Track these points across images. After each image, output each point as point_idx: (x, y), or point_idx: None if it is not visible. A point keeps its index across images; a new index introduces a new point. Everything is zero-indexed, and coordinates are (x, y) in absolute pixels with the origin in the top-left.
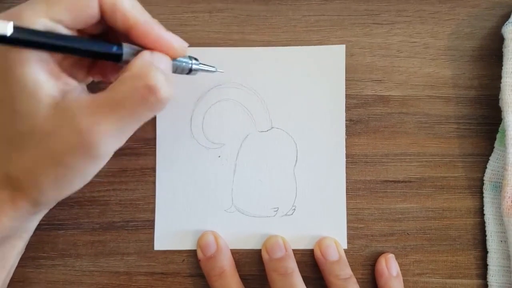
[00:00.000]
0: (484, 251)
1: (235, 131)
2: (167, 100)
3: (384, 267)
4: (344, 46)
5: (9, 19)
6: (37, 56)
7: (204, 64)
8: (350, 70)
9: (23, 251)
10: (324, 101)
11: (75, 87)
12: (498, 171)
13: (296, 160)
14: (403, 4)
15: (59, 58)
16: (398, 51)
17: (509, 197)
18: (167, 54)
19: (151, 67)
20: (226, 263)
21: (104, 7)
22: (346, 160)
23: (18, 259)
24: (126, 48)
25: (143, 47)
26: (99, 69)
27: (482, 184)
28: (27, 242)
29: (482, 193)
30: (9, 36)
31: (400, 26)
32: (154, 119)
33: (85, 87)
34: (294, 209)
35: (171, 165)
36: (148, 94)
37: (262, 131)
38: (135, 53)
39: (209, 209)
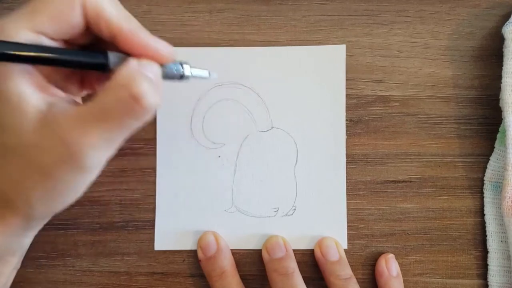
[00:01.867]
0: (485, 251)
1: (235, 131)
2: (153, 108)
3: (384, 267)
4: (344, 46)
5: None
6: (21, 69)
7: (196, 69)
8: (350, 70)
9: (18, 266)
10: (325, 101)
11: (62, 99)
12: (499, 171)
13: (296, 160)
14: (403, 4)
15: (48, 71)
16: (399, 51)
17: (509, 197)
18: (155, 60)
19: (136, 75)
20: (227, 263)
21: (88, 16)
22: (347, 160)
23: (14, 274)
24: (113, 57)
25: (131, 55)
26: (90, 81)
27: (483, 184)
28: (22, 257)
29: (482, 193)
30: None
31: (401, 26)
32: (154, 119)
33: (73, 98)
34: (295, 209)
35: (171, 165)
36: (133, 103)
37: (262, 131)
38: (122, 62)
39: (210, 209)
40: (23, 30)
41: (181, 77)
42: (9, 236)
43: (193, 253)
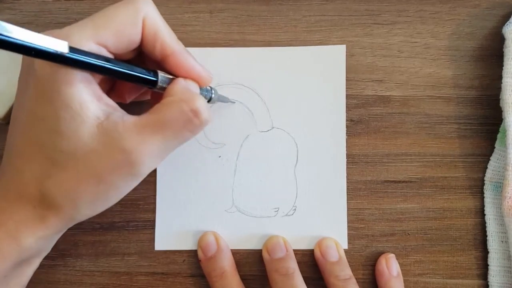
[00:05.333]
0: (485, 252)
1: (235, 131)
2: (207, 123)
3: (385, 267)
4: (344, 46)
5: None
6: (81, 77)
7: (222, 96)
8: (350, 70)
9: (37, 266)
10: (325, 101)
11: (116, 109)
12: (499, 171)
13: (297, 160)
14: (403, 4)
15: (98, 79)
16: (399, 51)
17: (509, 197)
18: (196, 82)
19: (193, 92)
20: (227, 263)
21: (146, 35)
22: (347, 160)
23: (32, 274)
24: (161, 75)
25: (174, 75)
26: (122, 91)
27: (483, 184)
28: (43, 258)
29: (482, 193)
30: (65, 55)
31: (401, 26)
32: None
33: (124, 111)
34: (295, 209)
35: (172, 165)
36: (193, 117)
37: (262, 131)
38: (168, 81)
39: (210, 209)
40: (88, 41)
41: (209, 100)
42: (46, 238)
43: (193, 253)
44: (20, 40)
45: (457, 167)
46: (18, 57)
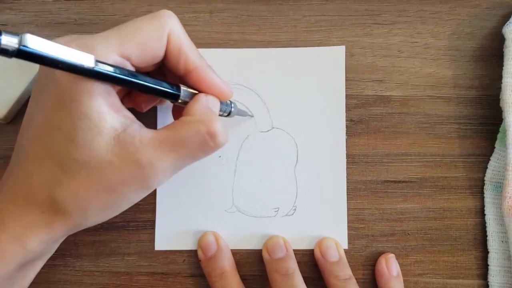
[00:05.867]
0: (485, 252)
1: (235, 131)
2: (223, 145)
3: (385, 267)
4: (344, 47)
5: (84, 51)
6: (102, 89)
7: (241, 110)
8: (350, 70)
9: (40, 269)
10: (325, 102)
11: (133, 121)
12: (499, 171)
13: (297, 161)
14: (403, 4)
15: (116, 90)
16: (399, 51)
17: (510, 197)
18: (217, 97)
19: (212, 114)
20: (227, 263)
21: (170, 50)
22: (347, 160)
23: (34, 276)
24: (183, 89)
25: (196, 89)
26: (138, 99)
27: (483, 184)
28: (46, 260)
29: (482, 193)
30: (90, 69)
31: (401, 26)
32: (155, 120)
33: (141, 123)
34: (295, 209)
35: None
36: (209, 139)
37: (262, 132)
38: (189, 95)
39: (210, 209)
40: (112, 53)
41: (229, 114)
42: (50, 242)
43: (193, 253)
44: (47, 54)
45: (457, 167)
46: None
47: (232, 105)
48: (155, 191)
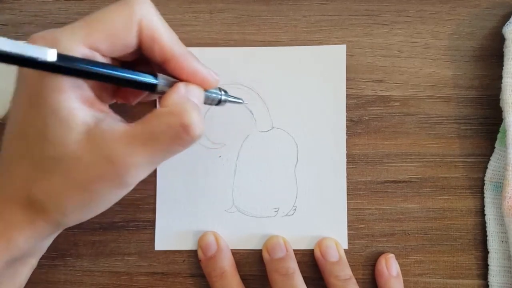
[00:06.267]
0: (485, 252)
1: (235, 131)
2: (199, 138)
3: (384, 267)
4: (344, 46)
5: (47, 45)
6: (72, 83)
7: (232, 96)
8: (350, 70)
9: (35, 266)
10: (325, 101)
11: (107, 114)
12: (499, 171)
13: (297, 160)
14: (403, 4)
15: (91, 83)
16: (399, 51)
17: (510, 197)
18: (200, 86)
19: (187, 104)
20: (227, 263)
21: (143, 39)
22: (347, 160)
23: (30, 274)
24: (161, 79)
25: (177, 78)
26: (125, 93)
27: (483, 184)
28: (39, 258)
29: (483, 193)
30: (52, 63)
31: (401, 26)
32: None
33: (118, 116)
34: (295, 209)
35: (172, 165)
36: (182, 132)
37: (262, 131)
38: (169, 84)
39: (210, 209)
40: (79, 45)
41: (219, 102)
42: (35, 239)
43: (193, 253)
44: (4, 51)
45: (457, 167)
46: None
47: (222, 92)
48: (155, 191)
